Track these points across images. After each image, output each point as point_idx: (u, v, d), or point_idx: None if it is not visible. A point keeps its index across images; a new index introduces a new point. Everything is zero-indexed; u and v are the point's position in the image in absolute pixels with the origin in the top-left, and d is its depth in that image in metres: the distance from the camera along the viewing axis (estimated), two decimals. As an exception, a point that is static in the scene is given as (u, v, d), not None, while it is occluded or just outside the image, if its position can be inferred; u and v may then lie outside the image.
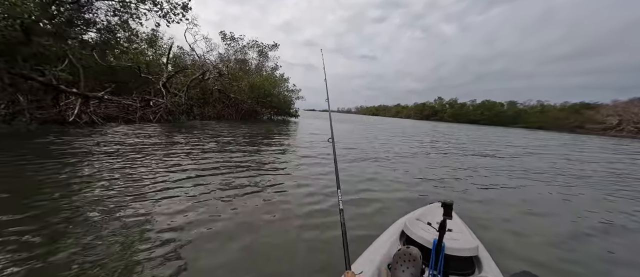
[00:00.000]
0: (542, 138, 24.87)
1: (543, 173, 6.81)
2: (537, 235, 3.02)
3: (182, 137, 8.28)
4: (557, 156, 10.95)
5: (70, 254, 1.96)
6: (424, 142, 13.21)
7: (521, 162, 8.43)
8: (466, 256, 1.40)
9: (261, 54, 25.77)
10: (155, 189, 3.45)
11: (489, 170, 6.76)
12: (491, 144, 14.83)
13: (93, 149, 5.43)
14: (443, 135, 19.66)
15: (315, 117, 40.80)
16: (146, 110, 12.27)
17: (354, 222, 2.91)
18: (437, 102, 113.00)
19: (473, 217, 3.27)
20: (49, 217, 2.46)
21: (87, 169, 4.05)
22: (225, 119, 17.75)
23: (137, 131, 8.67)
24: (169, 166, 4.62)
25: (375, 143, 11.09)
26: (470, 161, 8.19)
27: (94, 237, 2.19)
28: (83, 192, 3.16)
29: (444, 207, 1.27)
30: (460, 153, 9.77)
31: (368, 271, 1.33)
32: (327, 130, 15.06)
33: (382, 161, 6.99)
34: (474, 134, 23.21)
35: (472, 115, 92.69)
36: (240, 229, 2.59)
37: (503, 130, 39.29)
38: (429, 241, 1.41)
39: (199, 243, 2.27)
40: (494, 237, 2.82)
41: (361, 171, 5.48)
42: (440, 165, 6.97)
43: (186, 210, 2.90)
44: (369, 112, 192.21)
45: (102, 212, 2.68)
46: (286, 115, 24.15)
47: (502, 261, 2.06)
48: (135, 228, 2.41)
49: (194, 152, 6.05)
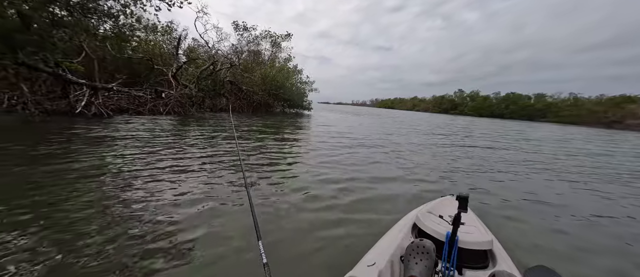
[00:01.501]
0: (586, 134, 22.56)
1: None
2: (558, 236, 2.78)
3: (186, 133, 7.84)
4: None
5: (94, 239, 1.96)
6: (450, 136, 12.11)
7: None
8: (480, 249, 1.39)
9: (274, 45, 25.10)
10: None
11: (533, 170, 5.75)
12: (542, 143, 13.39)
13: (92, 140, 5.05)
14: (476, 132, 18.22)
15: (329, 110, 39.97)
16: (157, 102, 12.07)
17: (363, 214, 2.86)
18: (457, 94, 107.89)
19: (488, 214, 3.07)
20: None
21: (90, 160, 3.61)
22: (237, 112, 17.41)
23: (143, 123, 8.36)
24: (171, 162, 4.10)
25: (394, 138, 10.19)
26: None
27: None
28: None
29: (459, 200, 1.25)
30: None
31: (380, 262, 1.30)
32: (343, 125, 14.66)
33: (394, 153, 6.81)
34: (502, 129, 21.45)
35: (495, 108, 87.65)
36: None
37: (537, 126, 36.50)
38: (442, 234, 1.40)
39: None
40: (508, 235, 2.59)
41: (367, 160, 5.32)
42: (472, 162, 6.05)
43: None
44: (384, 105, 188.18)
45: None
46: (299, 108, 23.52)
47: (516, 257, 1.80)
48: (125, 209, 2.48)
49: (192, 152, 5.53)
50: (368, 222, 2.71)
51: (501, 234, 2.03)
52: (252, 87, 18.49)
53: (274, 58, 25.14)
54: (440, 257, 1.35)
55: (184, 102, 12.04)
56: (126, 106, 11.12)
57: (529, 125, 37.77)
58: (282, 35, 24.97)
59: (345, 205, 3.13)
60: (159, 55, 15.33)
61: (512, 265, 1.41)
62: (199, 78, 13.48)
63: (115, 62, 14.04)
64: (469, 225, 1.56)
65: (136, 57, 13.78)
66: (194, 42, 21.17)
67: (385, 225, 2.14)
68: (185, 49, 19.92)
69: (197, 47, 20.92)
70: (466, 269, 1.36)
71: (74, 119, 7.98)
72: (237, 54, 21.00)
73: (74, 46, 11.24)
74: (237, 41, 22.49)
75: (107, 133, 6.17)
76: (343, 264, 1.84)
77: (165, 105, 12.08)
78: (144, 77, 15.12)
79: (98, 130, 6.44)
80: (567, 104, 74.86)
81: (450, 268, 1.30)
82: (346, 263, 1.51)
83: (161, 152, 4.81)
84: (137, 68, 14.94)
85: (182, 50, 19.03)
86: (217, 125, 9.94)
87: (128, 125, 7.68)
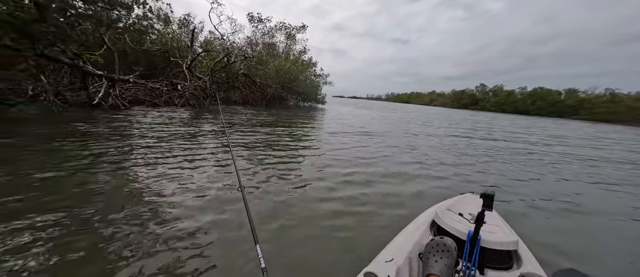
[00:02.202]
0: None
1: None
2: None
3: (199, 124, 7.76)
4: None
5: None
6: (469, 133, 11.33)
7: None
8: (504, 249, 1.33)
9: (289, 37, 24.77)
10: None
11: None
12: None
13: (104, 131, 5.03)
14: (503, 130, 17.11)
15: (343, 104, 39.34)
16: (172, 94, 12.20)
17: (373, 214, 2.75)
18: (479, 89, 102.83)
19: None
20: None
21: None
22: (250, 104, 17.39)
23: (155, 116, 8.39)
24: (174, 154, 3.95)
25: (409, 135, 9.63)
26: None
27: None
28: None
29: (484, 198, 1.20)
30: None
31: (398, 259, 1.27)
32: (355, 120, 14.28)
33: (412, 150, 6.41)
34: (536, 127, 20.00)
35: (520, 104, 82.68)
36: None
37: (566, 123, 33.97)
38: (463, 232, 1.35)
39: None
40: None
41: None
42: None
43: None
44: (400, 99, 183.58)
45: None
46: (313, 101, 23.20)
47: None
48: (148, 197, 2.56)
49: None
50: (377, 223, 2.56)
51: (527, 236, 1.85)
52: (266, 80, 18.34)
53: (289, 50, 24.86)
54: (460, 257, 1.30)
55: (197, 95, 12.05)
56: (142, 98, 11.31)
57: (561, 122, 35.18)
58: (297, 27, 24.57)
59: (353, 203, 2.98)
60: (177, 48, 15.52)
61: (539, 267, 1.34)
62: (212, 70, 13.43)
63: (133, 55, 14.37)
64: (492, 224, 1.49)
65: (153, 49, 13.94)
66: (211, 35, 21.32)
67: (398, 225, 2.03)
68: (202, 42, 20.10)
69: (213, 39, 21.05)
70: (488, 270, 1.30)
71: (91, 110, 8.15)
72: (252, 46, 20.89)
73: (95, 39, 11.60)
74: (252, 33, 22.37)
75: (119, 124, 6.19)
76: (347, 268, 1.74)
77: (180, 98, 12.19)
78: (160, 70, 15.41)
79: (110, 121, 6.48)
80: (602, 101, 69.05)
81: (472, 268, 1.25)
82: (351, 266, 1.46)
83: (156, 146, 4.68)
84: (155, 60, 15.22)
85: (198, 42, 19.22)
86: (228, 118, 9.85)
87: (141, 118, 7.73)
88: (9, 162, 3.23)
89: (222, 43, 19.39)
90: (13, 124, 5.38)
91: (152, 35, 16.43)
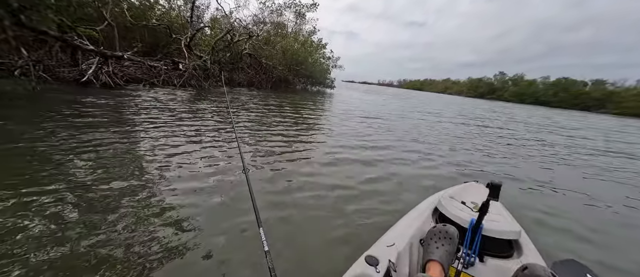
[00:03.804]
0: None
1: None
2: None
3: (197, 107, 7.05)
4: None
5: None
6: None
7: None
8: (505, 239, 1.33)
9: (299, 16, 23.29)
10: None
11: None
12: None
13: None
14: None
15: (353, 89, 37.90)
16: (171, 73, 11.49)
17: (374, 200, 2.74)
18: (498, 78, 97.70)
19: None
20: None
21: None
22: (255, 87, 16.56)
23: (149, 97, 7.73)
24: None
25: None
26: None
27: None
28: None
29: (491, 187, 1.18)
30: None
31: (399, 244, 1.28)
32: (365, 106, 13.39)
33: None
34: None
35: (541, 95, 78.23)
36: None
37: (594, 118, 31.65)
38: (465, 221, 1.36)
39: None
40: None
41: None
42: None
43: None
44: (413, 86, 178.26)
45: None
46: (321, 85, 22.12)
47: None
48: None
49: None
50: (379, 208, 2.57)
51: (530, 228, 1.96)
52: (272, 61, 17.33)
53: (298, 31, 23.47)
54: (461, 244, 1.28)
55: (197, 75, 11.28)
56: (140, 77, 10.66)
57: (585, 115, 32.86)
58: (307, 4, 22.99)
59: (355, 189, 2.95)
60: (180, 25, 14.61)
61: (539, 257, 1.32)
62: (214, 49, 12.52)
63: (137, 31, 13.62)
64: (495, 213, 1.47)
65: (152, 24, 13.11)
66: (217, 12, 20.17)
67: (401, 210, 2.08)
68: (209, 20, 19.07)
69: (219, 17, 19.93)
70: (488, 257, 1.28)
71: (80, 88, 7.55)
72: (258, 25, 19.67)
73: (96, 12, 10.92)
74: (259, 10, 21.06)
75: (108, 103, 5.54)
76: (348, 254, 1.75)
77: (180, 77, 11.48)
78: (162, 47, 14.66)
79: (97, 102, 5.84)
80: (633, 93, 64.19)
81: (472, 254, 1.24)
82: (352, 253, 1.57)
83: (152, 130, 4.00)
84: (159, 37, 14.43)
85: (202, 21, 18.19)
86: (235, 102, 9.11)
87: (130, 99, 7.07)
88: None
89: (226, 20, 18.32)
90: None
91: (157, 11, 15.61)
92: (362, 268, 1.05)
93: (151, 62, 11.20)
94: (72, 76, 8.24)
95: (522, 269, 0.97)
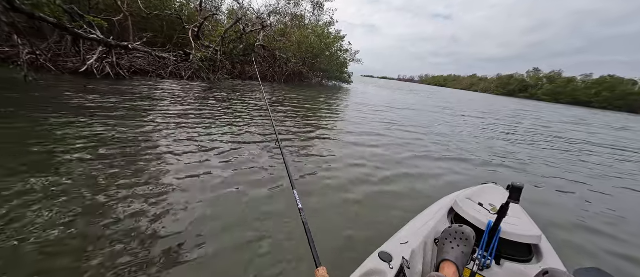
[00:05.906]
0: None
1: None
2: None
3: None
4: None
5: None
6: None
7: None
8: (524, 243, 1.27)
9: (316, 6, 22.14)
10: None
11: None
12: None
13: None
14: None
15: (372, 85, 36.26)
16: (179, 65, 10.98)
17: (393, 187, 2.97)
18: (531, 74, 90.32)
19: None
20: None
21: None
22: (268, 81, 15.83)
23: (155, 90, 7.15)
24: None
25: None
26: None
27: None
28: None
29: (512, 190, 1.12)
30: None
31: (413, 242, 1.28)
32: (382, 104, 12.21)
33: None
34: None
35: (580, 94, 71.17)
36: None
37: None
38: (482, 222, 1.32)
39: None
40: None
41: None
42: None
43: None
44: (435, 82, 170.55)
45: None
46: (338, 80, 20.98)
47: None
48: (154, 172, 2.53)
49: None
50: (398, 195, 2.74)
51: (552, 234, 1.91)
52: (286, 54, 16.44)
53: (316, 23, 22.34)
54: (477, 246, 1.23)
55: (203, 66, 10.64)
56: (147, 68, 10.23)
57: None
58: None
59: (373, 175, 3.13)
60: (195, 14, 14.09)
61: (561, 263, 1.27)
62: (224, 39, 11.82)
63: (154, 22, 13.28)
64: (515, 217, 1.41)
65: (164, 14, 12.67)
66: (235, 3, 19.53)
67: (419, 204, 2.33)
68: (225, 10, 18.50)
69: (236, 9, 19.30)
70: (506, 261, 1.24)
71: (78, 79, 7.12)
72: (272, 15, 18.79)
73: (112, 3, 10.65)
74: (276, 0, 20.16)
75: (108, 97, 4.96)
76: (361, 249, 1.81)
77: (188, 70, 10.95)
78: (176, 38, 14.26)
79: (92, 95, 5.28)
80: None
81: (488, 257, 1.20)
82: (364, 245, 1.77)
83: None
84: (176, 29, 14.04)
85: (221, 11, 17.61)
86: (248, 96, 8.38)
87: (128, 91, 6.50)
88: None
89: (242, 12, 17.62)
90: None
91: (176, 3, 15.20)
92: (375, 264, 1.06)
93: (160, 53, 10.74)
94: (66, 66, 7.83)
95: (542, 273, 0.95)
